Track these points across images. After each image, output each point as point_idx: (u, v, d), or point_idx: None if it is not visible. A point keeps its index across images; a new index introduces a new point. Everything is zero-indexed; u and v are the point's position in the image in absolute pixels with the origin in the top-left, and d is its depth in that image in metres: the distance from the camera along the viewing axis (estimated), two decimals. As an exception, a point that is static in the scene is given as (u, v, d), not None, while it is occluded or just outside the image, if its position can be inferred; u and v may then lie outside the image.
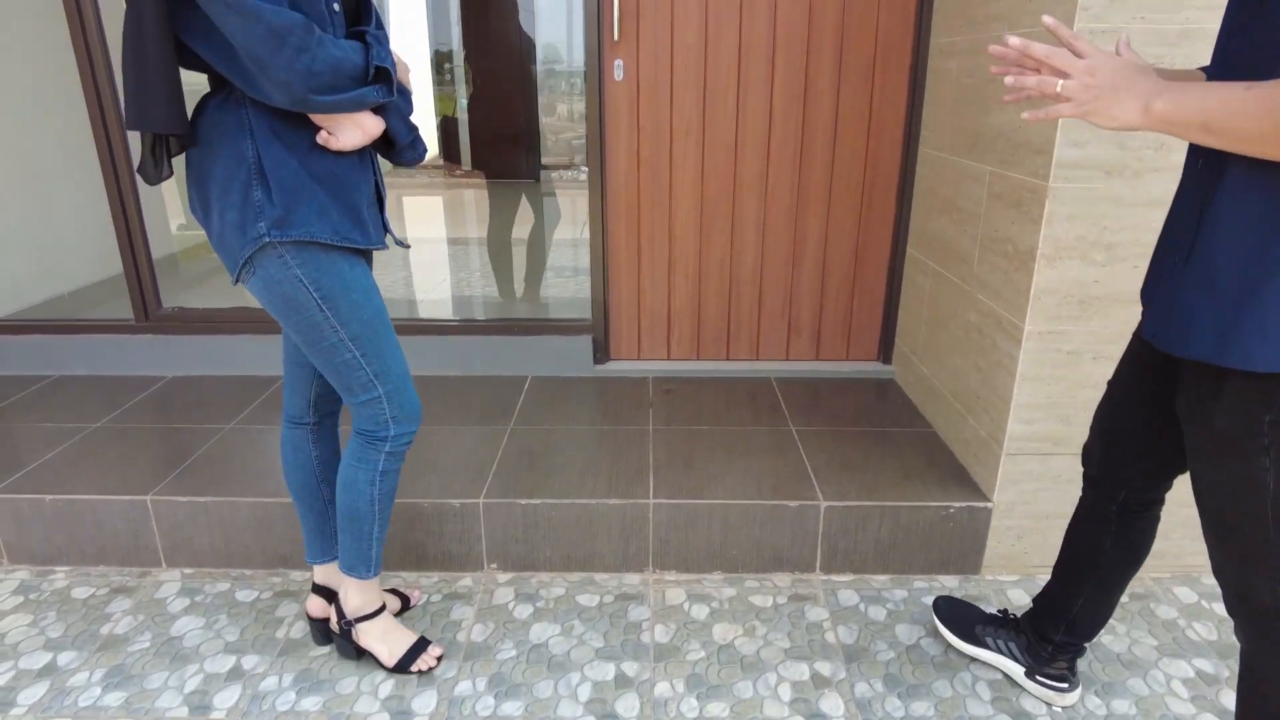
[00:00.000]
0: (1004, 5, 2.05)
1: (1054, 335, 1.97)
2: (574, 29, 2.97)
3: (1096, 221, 1.88)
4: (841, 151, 2.77)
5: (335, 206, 1.38)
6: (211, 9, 1.17)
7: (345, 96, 1.30)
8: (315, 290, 1.40)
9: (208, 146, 1.35)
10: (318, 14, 1.29)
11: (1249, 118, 0.90)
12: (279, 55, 1.20)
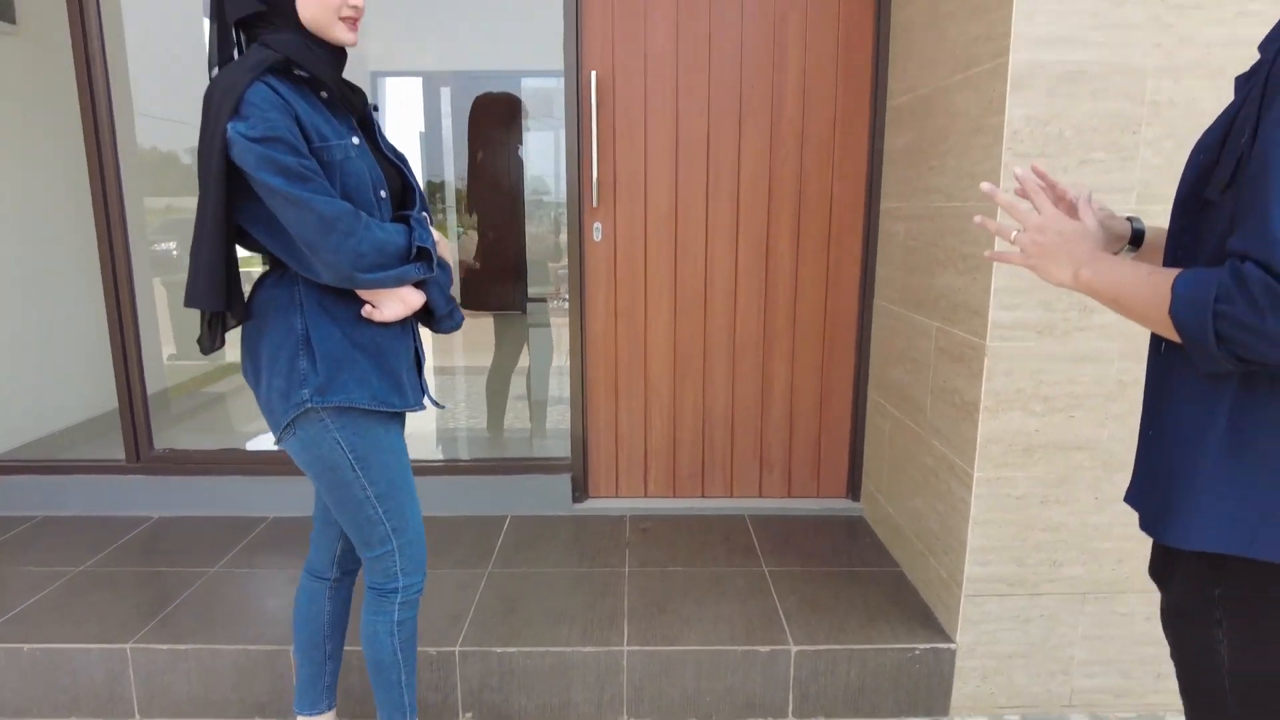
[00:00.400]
0: (941, 179, 2.30)
1: (1002, 481, 2.10)
2: (559, 165, 3.21)
3: (1032, 376, 2.04)
4: (803, 304, 2.98)
5: (376, 373, 1.52)
6: (271, 201, 1.36)
7: (388, 274, 1.46)
8: (350, 452, 1.52)
9: (262, 320, 1.51)
10: (366, 201, 1.48)
11: (1145, 302, 1.00)
12: (328, 239, 1.37)
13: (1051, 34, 1.89)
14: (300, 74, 1.43)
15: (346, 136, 1.47)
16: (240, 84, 1.35)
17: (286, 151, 1.35)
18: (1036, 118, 1.92)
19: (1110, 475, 2.11)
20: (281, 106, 1.36)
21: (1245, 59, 1.91)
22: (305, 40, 1.43)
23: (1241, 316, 0.88)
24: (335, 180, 1.44)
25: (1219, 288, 0.90)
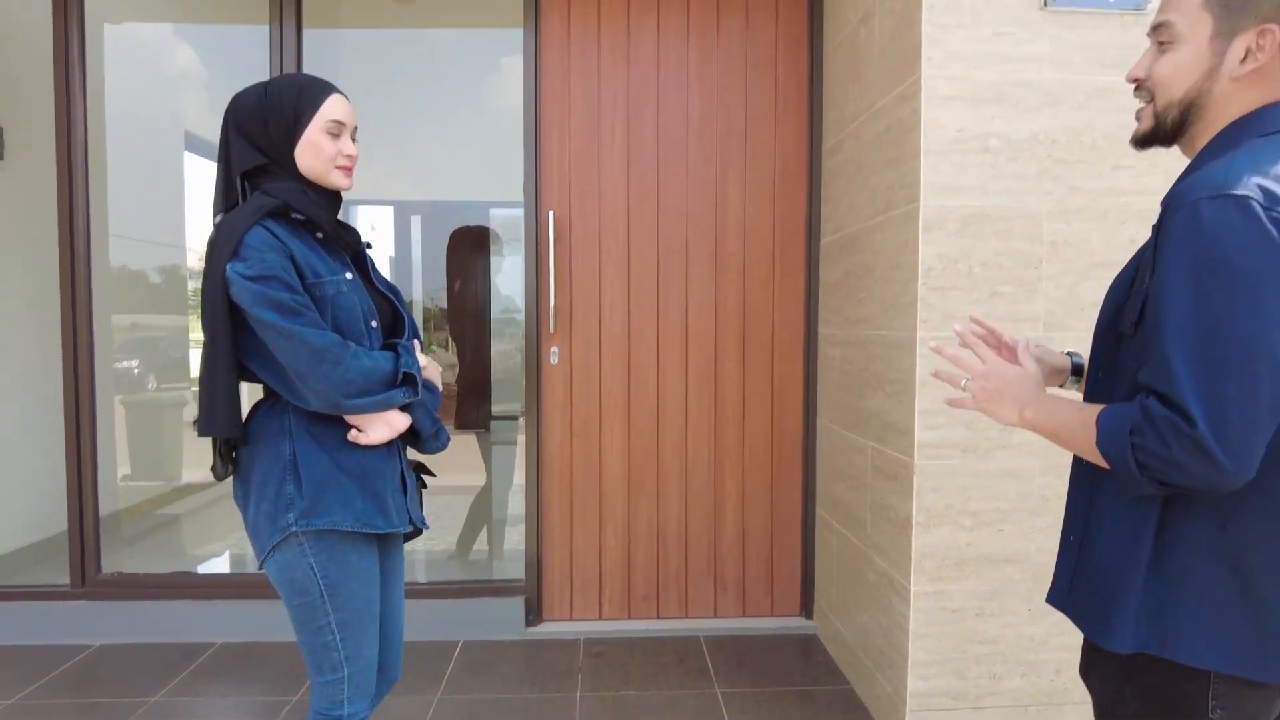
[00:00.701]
0: (868, 309, 2.49)
1: (938, 594, 2.17)
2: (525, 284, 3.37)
3: (960, 492, 2.16)
4: (751, 425, 3.11)
5: (360, 496, 1.58)
6: (265, 334, 1.46)
7: (374, 400, 1.55)
8: (322, 579, 1.56)
9: (254, 446, 1.58)
10: (356, 332, 1.59)
11: (1076, 436, 1.10)
12: (318, 369, 1.47)
13: (956, 183, 2.12)
14: (297, 217, 1.57)
15: (340, 272, 1.60)
16: (241, 228, 1.48)
17: (280, 289, 1.47)
18: (947, 255, 2.12)
19: (1041, 587, 2.20)
20: (278, 248, 1.49)
21: (1123, 205, 2.16)
22: (303, 187, 1.59)
23: (1153, 447, 0.98)
24: (327, 314, 1.55)
25: (1132, 422, 1.01)
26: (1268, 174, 0.97)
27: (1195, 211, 0.97)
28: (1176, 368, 0.97)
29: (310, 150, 1.58)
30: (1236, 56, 1.07)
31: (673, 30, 3.04)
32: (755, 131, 3.07)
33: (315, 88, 1.61)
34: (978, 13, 2.10)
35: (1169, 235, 1.00)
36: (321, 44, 3.11)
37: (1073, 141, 2.14)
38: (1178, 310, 0.98)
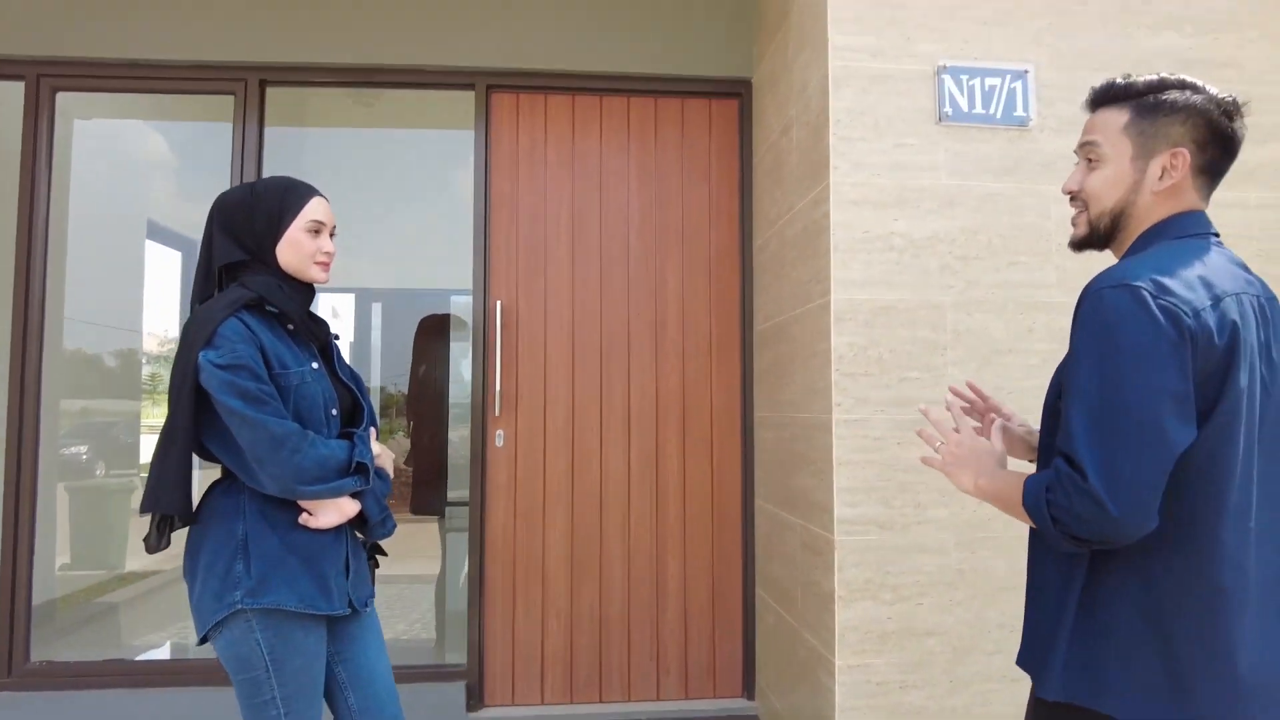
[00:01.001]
0: (793, 393, 2.64)
1: (862, 668, 2.25)
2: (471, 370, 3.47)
3: (879, 567, 2.27)
4: (691, 506, 3.21)
5: (306, 577, 1.63)
6: (229, 420, 1.55)
7: (326, 486, 1.63)
8: (268, 653, 1.60)
9: (206, 524, 1.65)
10: (316, 420, 1.68)
11: (1012, 501, 1.23)
12: (277, 455, 1.56)
13: (864, 278, 2.31)
14: (271, 309, 1.68)
15: (306, 363, 1.71)
16: (217, 318, 1.59)
17: (248, 378, 1.57)
18: (858, 344, 2.30)
19: (960, 658, 2.29)
20: (249, 339, 1.60)
21: (1020, 298, 2.36)
22: (279, 281, 1.71)
23: (1060, 501, 1.11)
24: (289, 401, 1.65)
25: (1047, 481, 1.14)
26: (1164, 270, 1.14)
27: (1099, 298, 1.14)
28: (1076, 431, 1.11)
29: (291, 247, 1.71)
30: (1155, 174, 1.25)
31: (614, 137, 3.28)
32: (692, 230, 3.28)
33: (299, 189, 1.76)
34: (880, 127, 2.35)
35: (1079, 318, 1.18)
36: (284, 140, 3.29)
37: (970, 240, 2.36)
38: (1080, 381, 1.14)
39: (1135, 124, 1.27)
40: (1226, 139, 1.26)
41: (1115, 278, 1.15)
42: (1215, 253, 1.23)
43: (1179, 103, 1.26)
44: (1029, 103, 2.39)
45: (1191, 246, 1.22)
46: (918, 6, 2.38)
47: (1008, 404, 1.57)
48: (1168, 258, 1.18)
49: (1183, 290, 1.13)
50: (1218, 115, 1.25)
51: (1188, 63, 2.49)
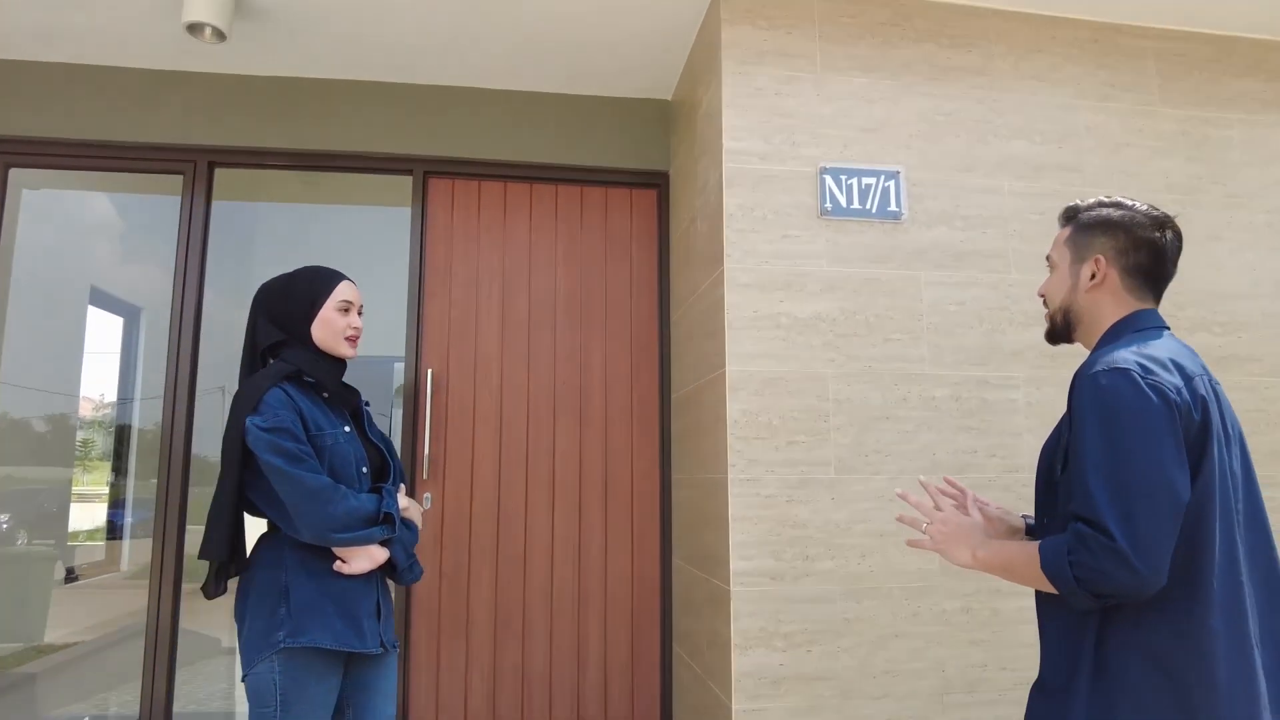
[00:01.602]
0: (700, 456, 2.87)
1: (757, 712, 2.42)
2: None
3: (772, 616, 2.47)
4: (613, 565, 3.38)
5: (340, 619, 1.83)
6: (271, 476, 1.78)
7: (355, 535, 1.83)
8: (281, 691, 1.77)
9: (253, 572, 1.88)
10: (349, 476, 1.91)
11: (1025, 566, 1.37)
12: (311, 506, 1.77)
13: (755, 352, 2.58)
14: (308, 380, 1.94)
15: (339, 426, 1.95)
16: (263, 388, 1.85)
17: (288, 439, 1.80)
18: (750, 411, 2.55)
19: (848, 700, 2.48)
20: (290, 406, 1.85)
21: (895, 370, 2.65)
22: (314, 355, 1.97)
23: (1085, 560, 1.23)
24: (325, 460, 1.88)
25: (1068, 544, 1.26)
26: (1143, 355, 1.35)
27: (1095, 381, 1.34)
28: (1097, 497, 1.25)
29: (324, 325, 1.97)
30: (1086, 276, 1.51)
31: (543, 220, 3.56)
32: (615, 305, 3.55)
33: (329, 275, 2.04)
34: (768, 220, 2.66)
35: (1080, 400, 1.36)
36: (231, 213, 3.48)
37: (849, 319, 2.66)
38: (1093, 453, 1.29)
39: (1073, 237, 1.56)
40: (1151, 245, 1.49)
41: (1107, 363, 1.36)
42: (1174, 342, 1.46)
43: (1102, 218, 1.53)
44: (901, 199, 2.73)
45: (1154, 337, 1.44)
46: (802, 115, 2.73)
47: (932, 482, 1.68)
48: (1139, 346, 1.40)
49: (1162, 372, 1.34)
50: (1139, 226, 1.50)
51: (1037, 166, 2.88)
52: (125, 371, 3.77)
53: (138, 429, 3.62)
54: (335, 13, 2.96)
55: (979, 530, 1.49)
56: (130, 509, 3.67)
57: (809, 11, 2.79)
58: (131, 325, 3.80)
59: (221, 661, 3.70)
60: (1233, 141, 3.09)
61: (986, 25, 2.94)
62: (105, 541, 3.64)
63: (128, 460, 3.68)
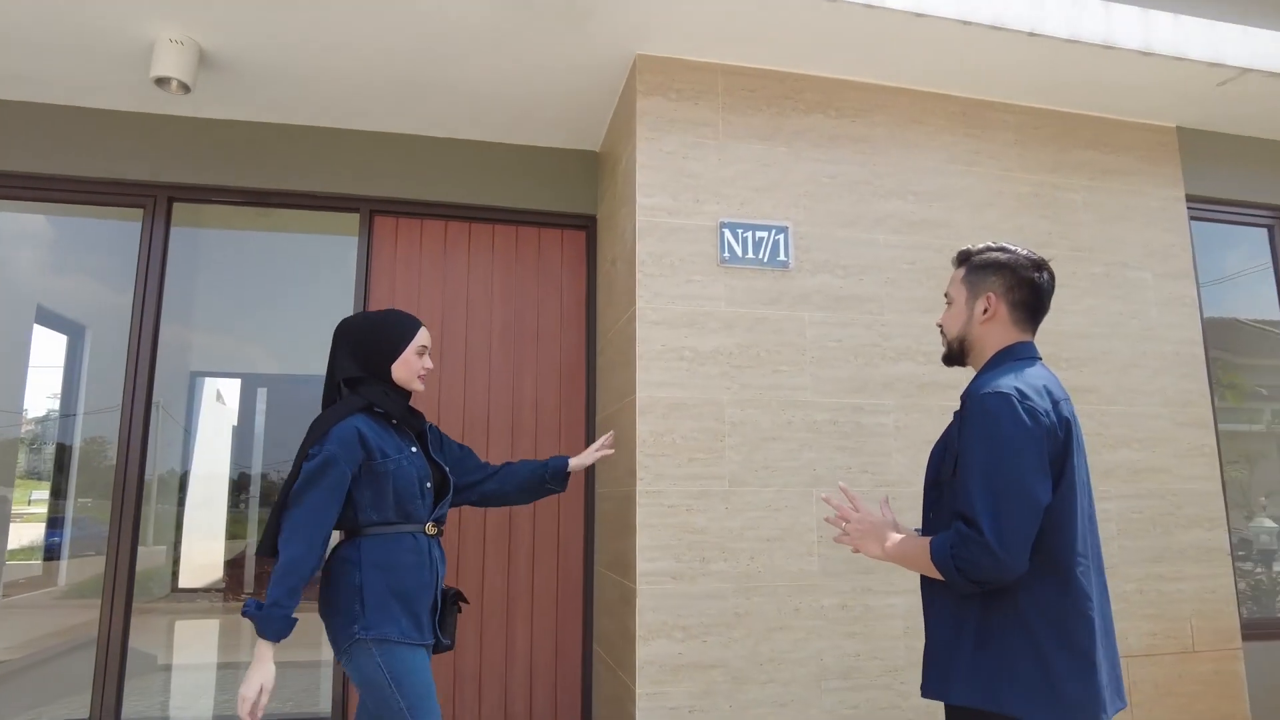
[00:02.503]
0: (618, 470, 3.23)
1: (659, 695, 2.78)
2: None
3: (672, 611, 2.84)
4: (540, 573, 3.71)
5: (405, 615, 2.12)
6: (299, 480, 2.10)
7: (282, 578, 2.01)
8: (388, 672, 2.06)
9: (334, 574, 2.16)
10: (412, 493, 2.20)
11: (918, 558, 1.72)
12: (294, 516, 2.06)
13: (662, 380, 2.96)
14: (379, 411, 2.23)
15: (405, 449, 2.24)
16: (333, 421, 2.15)
17: (324, 467, 2.07)
18: (657, 432, 2.92)
19: (740, 686, 2.85)
20: (353, 441, 2.11)
21: (782, 397, 3.05)
22: (385, 390, 2.26)
23: (962, 553, 1.57)
24: (389, 481, 2.15)
25: (950, 540, 1.61)
26: (1022, 382, 1.66)
27: (982, 402, 1.65)
28: (975, 500, 1.59)
29: (404, 365, 2.30)
30: (979, 311, 1.82)
31: (480, 256, 3.91)
32: (546, 335, 3.90)
33: (412, 322, 2.37)
34: (674, 267, 3.05)
35: (968, 418, 1.67)
36: (187, 239, 3.74)
37: (744, 353, 3.06)
38: (975, 463, 1.62)
39: (968, 276, 1.87)
40: (1030, 284, 1.81)
41: (991, 387, 1.66)
42: (1045, 371, 1.78)
43: (991, 260, 1.85)
44: (789, 250, 3.16)
45: (1028, 366, 1.75)
46: (705, 176, 3.14)
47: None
48: (1018, 374, 1.70)
49: (1036, 398, 1.65)
50: (1022, 267, 1.81)
51: (913, 223, 3.34)
52: (68, 389, 3.94)
53: (80, 446, 3.79)
54: (292, 67, 3.28)
55: (888, 527, 1.83)
56: (69, 526, 3.82)
57: (714, 85, 3.21)
58: (76, 343, 3.98)
59: (157, 677, 3.86)
60: (1077, 203, 3.60)
61: (870, 99, 3.40)
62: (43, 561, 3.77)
63: (69, 477, 3.85)
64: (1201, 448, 3.58)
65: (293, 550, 2.03)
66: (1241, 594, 3.67)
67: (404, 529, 2.20)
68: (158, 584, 3.82)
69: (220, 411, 4.14)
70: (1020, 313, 1.83)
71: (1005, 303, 1.82)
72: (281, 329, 4.06)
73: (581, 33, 3.04)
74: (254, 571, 3.95)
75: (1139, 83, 3.47)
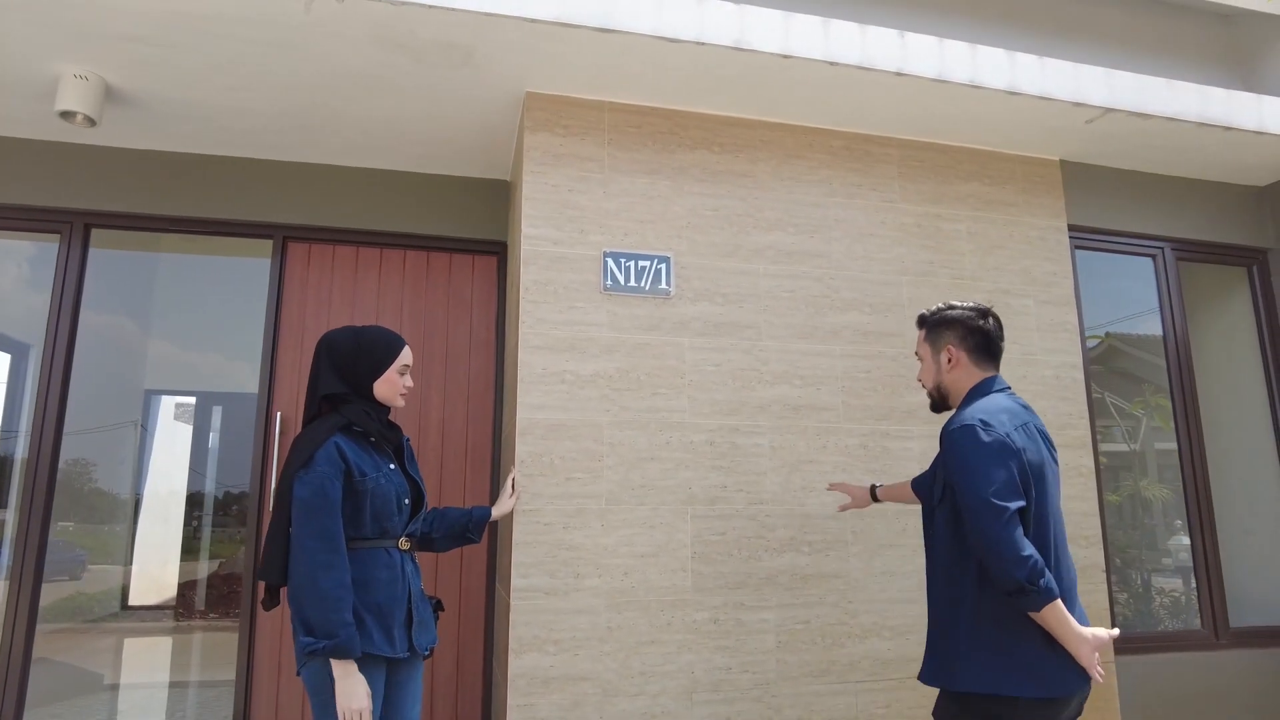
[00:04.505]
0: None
1: (529, 706, 2.89)
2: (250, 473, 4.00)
3: (545, 625, 2.95)
4: (443, 585, 3.81)
5: (377, 630, 2.17)
6: (294, 506, 2.16)
7: (307, 605, 2.08)
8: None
9: None
10: (390, 510, 2.26)
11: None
12: (303, 543, 2.12)
13: (542, 403, 3.10)
14: (357, 429, 2.28)
15: (384, 466, 2.30)
16: (316, 444, 2.18)
17: (322, 508, 2.13)
18: (536, 452, 3.05)
19: (609, 699, 2.96)
20: (336, 460, 2.17)
21: (660, 419, 3.19)
22: (367, 407, 2.32)
23: (992, 575, 1.95)
24: (366, 501, 2.21)
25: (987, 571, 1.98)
26: (983, 411, 2.06)
27: (952, 437, 2.06)
28: (972, 532, 1.97)
29: (386, 384, 2.38)
30: (944, 362, 2.27)
31: (391, 281, 4.04)
32: (454, 358, 4.03)
33: (395, 341, 2.44)
34: (558, 293, 3.19)
35: (946, 451, 2.07)
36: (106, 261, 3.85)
37: (623, 377, 3.20)
38: (961, 494, 2.00)
39: (929, 337, 2.32)
40: (980, 330, 2.24)
41: (961, 421, 2.06)
42: (1009, 399, 2.16)
43: (943, 318, 2.29)
44: (671, 279, 3.31)
45: (995, 398, 2.14)
46: (590, 209, 3.29)
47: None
48: (984, 407, 2.09)
49: (997, 424, 2.02)
50: (969, 319, 2.25)
51: (791, 253, 3.50)
52: (10, 408, 4.03)
53: (21, 464, 3.88)
54: (198, 102, 3.42)
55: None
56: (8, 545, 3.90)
57: (600, 121, 3.38)
58: (19, 361, 4.08)
59: (102, 696, 3.92)
60: (960, 233, 3.78)
61: (753, 134, 3.57)
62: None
63: (7, 495, 3.94)
64: (1079, 468, 3.74)
65: (327, 583, 2.08)
66: (1168, 607, 3.82)
67: (379, 545, 2.26)
68: (105, 603, 3.91)
69: (175, 429, 4.24)
70: (978, 355, 2.24)
71: (963, 350, 2.24)
72: (234, 348, 4.17)
73: (469, 72, 3.20)
74: (204, 591, 4.03)
75: (1013, 119, 3.66)
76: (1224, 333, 4.61)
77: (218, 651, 3.89)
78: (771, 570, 3.20)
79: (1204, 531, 4.10)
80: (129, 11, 2.82)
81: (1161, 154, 4.10)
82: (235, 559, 4.00)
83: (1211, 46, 4.40)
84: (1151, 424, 4.71)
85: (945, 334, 2.26)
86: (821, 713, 3.15)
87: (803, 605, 3.21)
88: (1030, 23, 3.99)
